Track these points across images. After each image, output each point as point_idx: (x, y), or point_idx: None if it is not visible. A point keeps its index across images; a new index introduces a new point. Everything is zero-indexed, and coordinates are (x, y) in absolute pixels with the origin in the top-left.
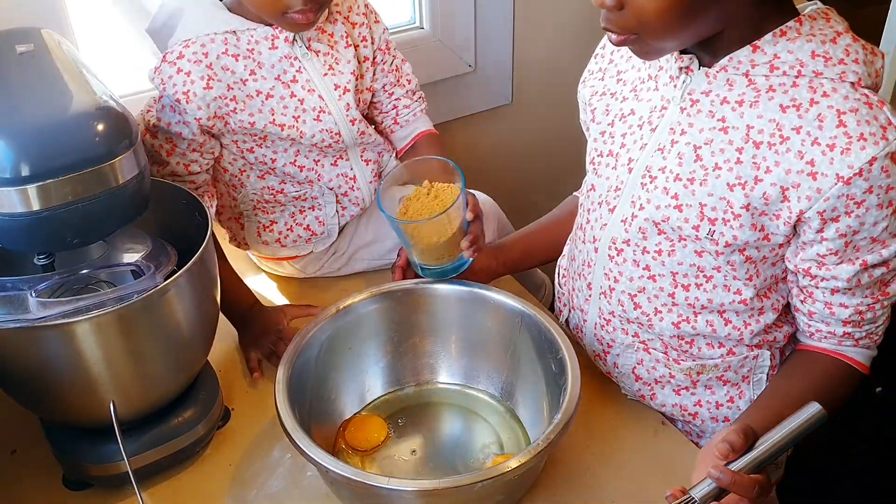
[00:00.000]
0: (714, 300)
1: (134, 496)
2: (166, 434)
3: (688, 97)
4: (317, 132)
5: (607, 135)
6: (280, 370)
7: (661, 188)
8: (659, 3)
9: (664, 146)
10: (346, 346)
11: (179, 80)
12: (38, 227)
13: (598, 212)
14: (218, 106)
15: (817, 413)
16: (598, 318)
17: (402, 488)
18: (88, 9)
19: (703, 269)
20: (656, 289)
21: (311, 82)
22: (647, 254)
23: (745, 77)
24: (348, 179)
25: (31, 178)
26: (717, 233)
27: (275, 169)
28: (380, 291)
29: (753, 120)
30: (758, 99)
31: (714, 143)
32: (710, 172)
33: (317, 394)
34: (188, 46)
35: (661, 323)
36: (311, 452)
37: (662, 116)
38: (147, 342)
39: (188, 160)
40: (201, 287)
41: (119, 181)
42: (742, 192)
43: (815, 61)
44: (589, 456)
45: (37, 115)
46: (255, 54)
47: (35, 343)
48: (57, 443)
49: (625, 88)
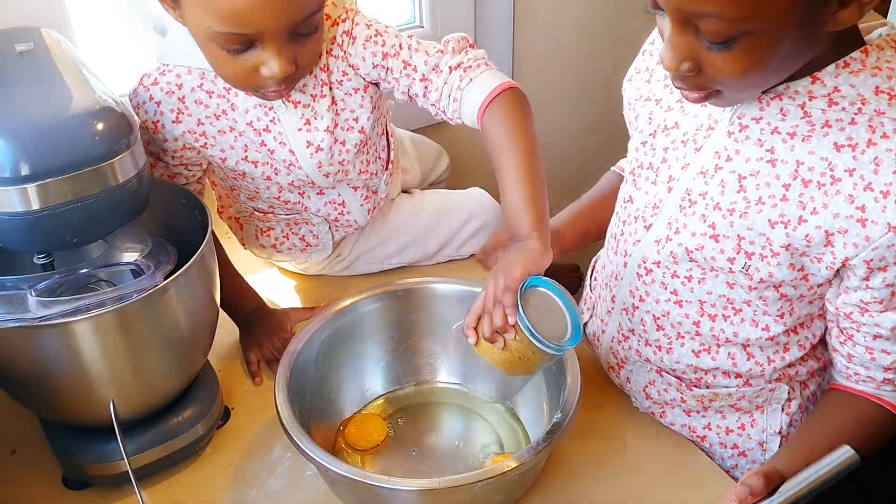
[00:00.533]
0: (740, 334)
1: (134, 496)
2: (166, 433)
3: (737, 121)
4: (293, 180)
5: (648, 146)
6: (280, 370)
7: (700, 215)
8: (740, 68)
9: (707, 170)
10: (345, 345)
11: (150, 109)
12: (37, 226)
13: (633, 226)
14: (186, 140)
15: (849, 457)
16: (616, 333)
17: (402, 487)
18: (88, 8)
19: (733, 301)
20: (681, 315)
21: (284, 135)
22: (677, 278)
23: (801, 108)
24: (337, 206)
25: (31, 178)
26: (753, 268)
27: (259, 197)
28: (380, 291)
29: (804, 156)
30: (811, 133)
31: (760, 175)
32: (752, 206)
33: (317, 393)
34: (164, 73)
35: (682, 349)
36: (311, 452)
37: (708, 137)
38: (147, 341)
39: (172, 172)
40: (201, 286)
41: (119, 180)
42: (784, 230)
43: (879, 98)
44: (588, 456)
45: (36, 115)
46: (231, 95)
47: (35, 342)
48: (57, 442)
49: (671, 97)
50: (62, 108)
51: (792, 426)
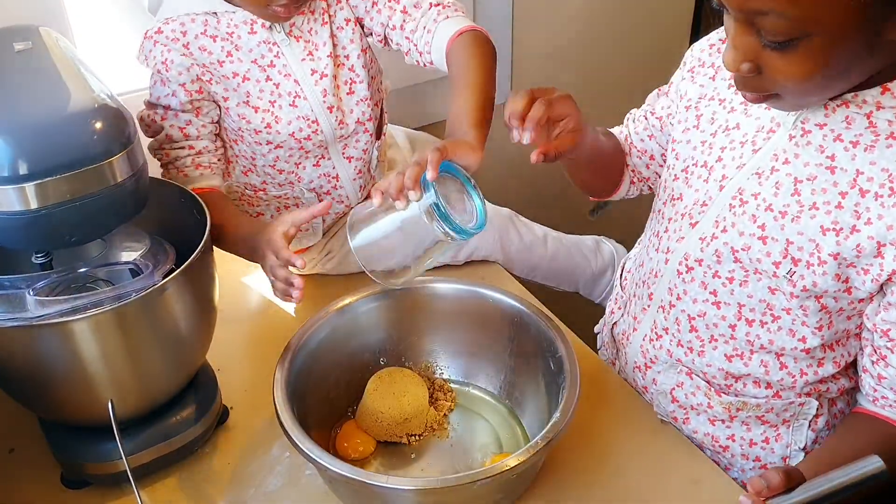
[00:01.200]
0: (775, 342)
1: (132, 495)
2: (164, 432)
3: (800, 125)
4: (293, 119)
5: (707, 145)
6: (278, 369)
7: (750, 215)
8: (801, 70)
9: (763, 171)
10: (344, 344)
11: (158, 52)
12: (35, 225)
13: (678, 223)
14: (197, 73)
15: (876, 467)
16: (649, 331)
17: (401, 487)
18: (87, 7)
19: (773, 307)
20: (718, 317)
21: (288, 67)
22: (718, 279)
23: (867, 118)
24: (330, 179)
25: (29, 177)
26: (798, 275)
27: (255, 167)
28: (378, 290)
29: (865, 165)
30: (875, 144)
31: (817, 180)
32: (805, 210)
33: (315, 392)
34: (168, 23)
35: (714, 352)
36: (310, 451)
37: (768, 139)
38: (145, 341)
39: (182, 122)
40: (199, 285)
41: (117, 179)
42: (835, 238)
43: None
44: (587, 455)
45: (35, 114)
46: (234, 37)
47: (33, 342)
48: (55, 441)
49: (736, 98)
50: (60, 107)
51: (816, 443)
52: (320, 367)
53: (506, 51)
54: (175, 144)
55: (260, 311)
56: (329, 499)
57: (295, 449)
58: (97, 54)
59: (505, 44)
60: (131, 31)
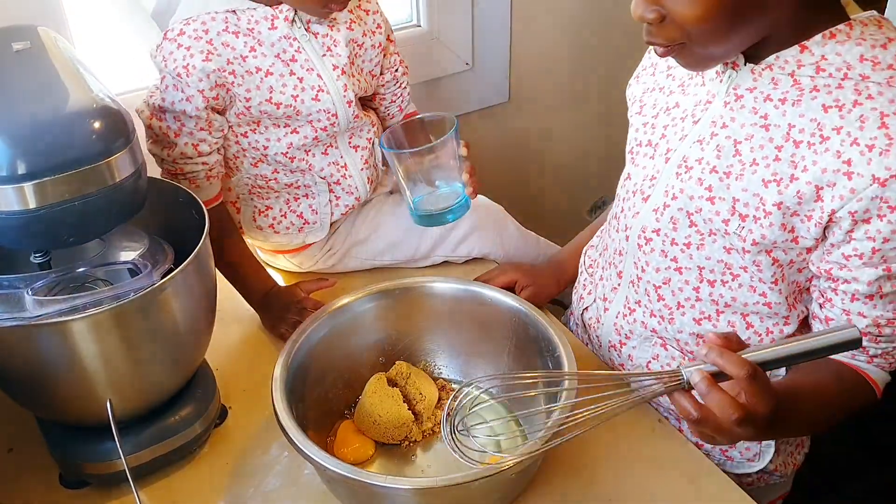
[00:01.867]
0: (738, 299)
1: (131, 494)
2: (163, 432)
3: (732, 92)
4: (313, 112)
5: (649, 126)
6: (277, 368)
7: (696, 178)
8: (701, 10)
9: (704, 138)
10: (343, 344)
11: (179, 55)
12: (34, 225)
13: (632, 200)
14: (218, 77)
15: (853, 336)
16: (622, 308)
17: (399, 486)
18: (85, 6)
19: (731, 266)
20: (681, 282)
21: (311, 61)
22: (676, 245)
23: (791, 77)
24: (339, 168)
25: (28, 176)
26: (746, 229)
27: (267, 156)
28: (376, 290)
29: (795, 119)
30: (801, 98)
31: (754, 138)
32: (746, 167)
33: (314, 392)
34: (189, 24)
35: (683, 318)
36: (309, 451)
37: (706, 110)
38: (144, 340)
39: (196, 139)
40: (198, 285)
41: (116, 179)
42: (776, 188)
43: (863, 65)
44: (586, 453)
45: (33, 113)
46: (255, 33)
47: (31, 341)
48: (53, 441)
49: (673, 83)
50: (59, 107)
51: None
52: (319, 366)
53: (504, 51)
54: (189, 161)
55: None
56: (328, 499)
57: (294, 449)
58: (95, 54)
59: (503, 43)
60: (130, 32)
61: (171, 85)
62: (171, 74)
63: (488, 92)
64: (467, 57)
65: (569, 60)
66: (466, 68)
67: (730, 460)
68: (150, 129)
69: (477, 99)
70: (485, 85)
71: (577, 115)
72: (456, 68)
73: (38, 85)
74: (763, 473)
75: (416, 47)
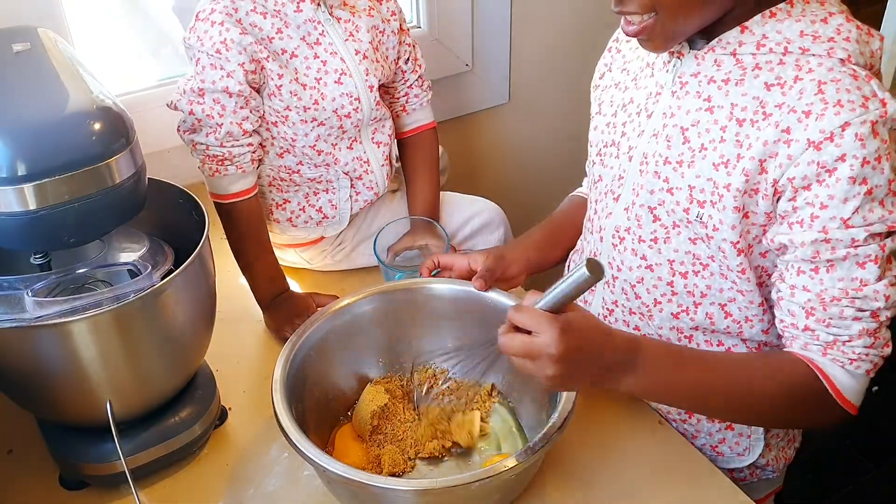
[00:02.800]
0: (712, 287)
1: (130, 496)
2: (163, 433)
3: (678, 80)
4: (337, 96)
5: (611, 125)
6: (277, 370)
7: (653, 172)
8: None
9: (658, 131)
10: (343, 345)
11: (215, 32)
12: (34, 226)
13: (604, 202)
14: (254, 51)
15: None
16: (601, 309)
17: (400, 487)
18: (85, 8)
19: (699, 256)
20: (654, 278)
21: (334, 45)
22: (644, 242)
23: (733, 56)
24: (363, 163)
25: (28, 178)
26: (706, 215)
27: (294, 148)
28: (376, 291)
29: (738, 98)
30: (743, 77)
31: (700, 123)
32: (696, 154)
33: (314, 393)
34: (218, 2)
35: (661, 314)
36: (309, 452)
37: (657, 102)
38: (144, 342)
39: (240, 118)
40: (198, 286)
41: (116, 180)
42: (725, 170)
43: (803, 39)
44: (585, 455)
45: (33, 115)
46: (282, 14)
47: (31, 343)
48: (53, 442)
49: (627, 78)
50: (59, 108)
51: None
52: (319, 367)
53: (504, 52)
54: (236, 143)
55: (258, 312)
56: (327, 499)
57: (294, 450)
58: (95, 55)
59: (503, 44)
60: (130, 33)
61: (209, 65)
62: (209, 53)
63: (488, 93)
64: (467, 58)
65: (569, 61)
66: (466, 69)
67: (720, 455)
68: (192, 114)
69: (477, 100)
70: (485, 86)
71: (577, 115)
72: (456, 69)
73: (39, 86)
74: (755, 468)
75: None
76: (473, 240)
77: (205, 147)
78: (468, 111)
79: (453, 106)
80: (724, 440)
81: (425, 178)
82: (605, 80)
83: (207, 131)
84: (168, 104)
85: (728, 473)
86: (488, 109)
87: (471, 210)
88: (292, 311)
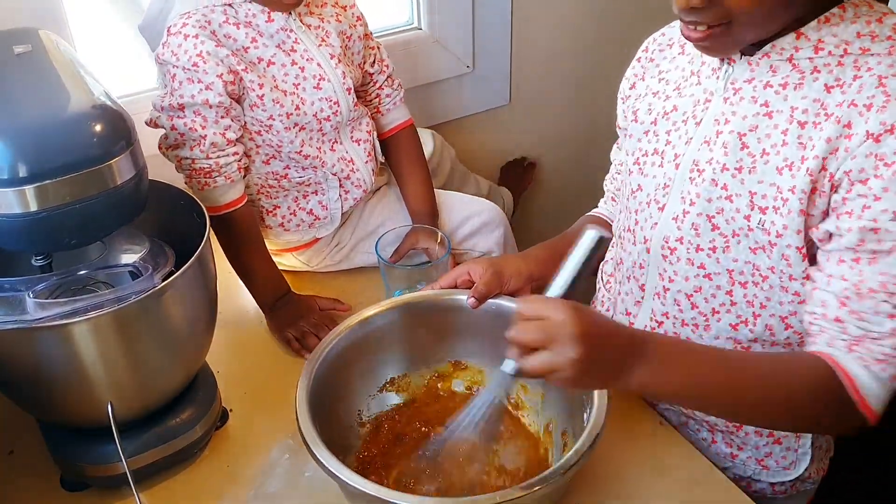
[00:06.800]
0: (772, 298)
1: (131, 497)
2: (164, 435)
3: (730, 87)
4: (316, 100)
5: (651, 133)
6: (301, 382)
7: (710, 180)
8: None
9: (710, 138)
10: (365, 357)
11: (190, 45)
12: (35, 227)
13: (646, 212)
14: (231, 63)
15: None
16: (648, 321)
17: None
18: (86, 9)
19: (759, 267)
20: (713, 287)
21: (309, 52)
22: (702, 251)
23: (789, 62)
24: (347, 163)
25: (29, 179)
26: (768, 222)
27: (280, 154)
28: (395, 304)
29: (798, 101)
30: (802, 81)
31: (759, 129)
32: (757, 159)
33: (336, 405)
34: (190, 16)
35: (719, 324)
36: (333, 467)
37: (706, 109)
38: (145, 343)
39: (222, 127)
40: (199, 288)
41: (117, 182)
42: (790, 173)
43: (861, 40)
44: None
45: (34, 116)
46: (254, 24)
47: (33, 344)
48: (54, 444)
49: (668, 87)
50: (60, 110)
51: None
52: (341, 379)
53: (504, 53)
54: (221, 153)
55: (259, 314)
56: (327, 500)
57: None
58: (97, 57)
59: (503, 45)
60: (130, 34)
61: (186, 79)
62: (185, 67)
63: (489, 94)
64: (468, 59)
65: (569, 62)
66: (467, 71)
67: (765, 469)
68: (175, 129)
69: (478, 101)
70: (485, 87)
71: (577, 115)
72: (457, 71)
73: (40, 88)
74: (798, 481)
75: (417, 50)
76: (473, 239)
77: (190, 161)
78: (469, 112)
79: (454, 107)
80: (770, 454)
81: (415, 175)
82: (639, 90)
83: (192, 145)
84: (147, 122)
85: (769, 487)
86: (489, 111)
87: (470, 210)
88: (295, 312)
